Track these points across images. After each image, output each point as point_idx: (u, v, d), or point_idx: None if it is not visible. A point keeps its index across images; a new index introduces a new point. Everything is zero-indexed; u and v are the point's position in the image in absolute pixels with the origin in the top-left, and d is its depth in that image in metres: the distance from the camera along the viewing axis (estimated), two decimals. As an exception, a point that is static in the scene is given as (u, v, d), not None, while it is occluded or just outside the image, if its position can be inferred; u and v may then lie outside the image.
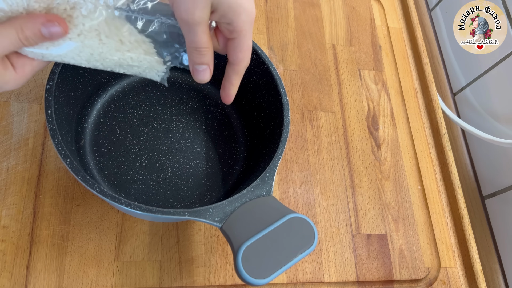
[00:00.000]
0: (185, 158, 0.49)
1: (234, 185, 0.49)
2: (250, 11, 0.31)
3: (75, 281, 0.43)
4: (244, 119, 0.53)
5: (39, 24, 0.28)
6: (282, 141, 0.42)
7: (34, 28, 0.28)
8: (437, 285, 0.53)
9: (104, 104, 0.49)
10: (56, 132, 0.36)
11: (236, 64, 0.34)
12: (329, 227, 0.53)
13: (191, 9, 0.29)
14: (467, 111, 0.70)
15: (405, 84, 0.66)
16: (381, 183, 0.57)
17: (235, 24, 0.31)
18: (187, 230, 0.47)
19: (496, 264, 0.60)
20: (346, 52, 0.65)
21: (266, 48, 0.61)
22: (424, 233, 0.56)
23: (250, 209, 0.37)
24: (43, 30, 0.28)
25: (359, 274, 0.51)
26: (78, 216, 0.45)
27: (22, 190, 0.45)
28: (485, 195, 0.65)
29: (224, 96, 0.37)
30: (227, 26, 0.32)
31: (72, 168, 0.35)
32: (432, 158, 0.62)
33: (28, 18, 0.28)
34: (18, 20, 0.28)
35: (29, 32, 0.28)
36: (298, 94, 0.60)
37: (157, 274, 0.45)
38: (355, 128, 0.60)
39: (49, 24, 0.28)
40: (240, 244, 0.34)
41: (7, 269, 0.42)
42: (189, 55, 0.33)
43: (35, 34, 0.28)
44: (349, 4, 0.70)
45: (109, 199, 0.35)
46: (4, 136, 0.47)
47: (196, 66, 0.33)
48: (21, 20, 0.28)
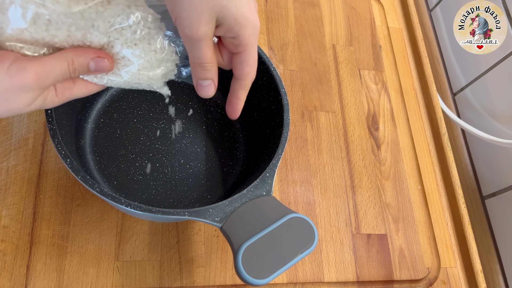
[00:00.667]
0: (185, 158, 0.49)
1: (234, 185, 0.49)
2: (255, 24, 0.31)
3: (75, 281, 0.43)
4: (244, 119, 0.53)
5: (89, 59, 0.30)
6: (282, 141, 0.42)
7: (83, 62, 0.30)
8: (437, 285, 0.53)
9: (104, 104, 0.49)
10: (56, 132, 0.36)
11: (242, 79, 0.33)
12: (329, 227, 0.53)
13: (195, 24, 0.28)
14: (467, 111, 0.70)
15: (405, 84, 0.66)
16: (381, 183, 0.57)
17: (241, 38, 0.30)
18: (187, 230, 0.47)
19: (496, 264, 0.60)
20: (346, 52, 0.65)
21: (266, 48, 0.61)
22: (424, 233, 0.56)
23: (250, 209, 0.37)
24: (91, 64, 0.30)
25: (359, 274, 0.51)
26: (78, 216, 0.45)
27: (22, 190, 0.45)
28: (485, 195, 0.65)
29: (230, 112, 0.36)
30: (233, 41, 0.31)
31: (72, 168, 0.35)
32: (432, 158, 0.62)
33: (80, 52, 0.30)
34: (70, 53, 0.29)
35: (78, 65, 0.30)
36: (298, 94, 0.60)
37: (157, 274, 0.45)
38: (355, 128, 0.60)
39: (98, 59, 0.30)
40: (240, 244, 0.34)
41: (7, 269, 0.42)
42: (193, 70, 0.32)
43: (82, 67, 0.30)
44: (349, 4, 0.70)
45: (109, 199, 0.35)
46: (4, 136, 0.47)
47: (200, 81, 0.32)
48: (73, 53, 0.29)
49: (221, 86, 0.53)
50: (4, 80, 0.26)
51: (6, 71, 0.26)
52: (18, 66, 0.27)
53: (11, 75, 0.26)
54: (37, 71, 0.27)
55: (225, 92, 0.54)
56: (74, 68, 0.30)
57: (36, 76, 0.27)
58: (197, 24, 0.28)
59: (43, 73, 0.28)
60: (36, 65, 0.27)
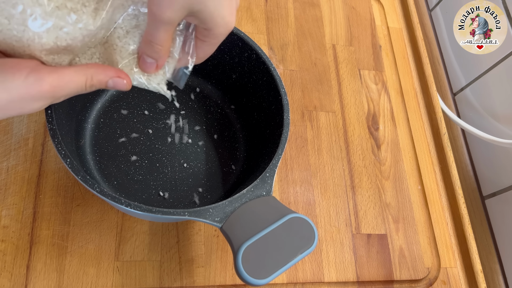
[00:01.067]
0: (185, 158, 0.49)
1: (234, 185, 0.49)
2: (230, 25, 0.31)
3: (75, 281, 0.43)
4: (244, 119, 0.53)
5: (108, 78, 0.31)
6: (282, 141, 0.42)
7: (103, 80, 0.30)
8: (437, 285, 0.53)
9: (104, 104, 0.49)
10: (56, 132, 0.36)
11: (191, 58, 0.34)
12: (329, 227, 0.53)
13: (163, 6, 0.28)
14: (467, 111, 0.70)
15: (405, 84, 0.66)
16: (381, 183, 0.57)
17: (212, 33, 0.31)
18: (187, 230, 0.47)
19: (496, 264, 0.60)
20: (346, 52, 0.65)
21: (266, 48, 0.61)
22: (424, 233, 0.56)
23: (250, 209, 0.37)
24: (110, 82, 0.31)
25: (359, 274, 0.51)
26: (78, 216, 0.45)
27: (22, 190, 0.45)
28: (485, 195, 0.65)
29: None
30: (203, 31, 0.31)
31: (72, 168, 0.35)
32: (432, 158, 0.62)
33: (100, 70, 0.30)
34: (90, 70, 0.30)
35: (97, 81, 0.30)
36: (298, 94, 0.60)
37: (157, 274, 0.45)
38: (355, 128, 0.60)
39: (117, 79, 0.31)
40: (240, 244, 0.34)
41: (7, 269, 0.42)
42: (142, 43, 0.32)
43: (100, 84, 0.30)
44: (349, 4, 0.70)
45: (109, 199, 0.35)
46: (4, 136, 0.47)
47: (144, 56, 0.32)
48: (93, 70, 0.30)
49: (221, 86, 0.54)
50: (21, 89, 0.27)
51: (23, 80, 0.27)
52: (36, 76, 0.27)
53: (28, 84, 0.27)
54: (53, 84, 0.28)
55: (225, 92, 0.55)
56: (92, 84, 0.30)
57: (51, 87, 0.28)
58: (165, 7, 0.28)
59: (59, 86, 0.28)
60: (53, 78, 0.28)
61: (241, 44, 0.46)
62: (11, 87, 0.26)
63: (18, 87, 0.27)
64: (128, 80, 0.32)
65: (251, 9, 0.64)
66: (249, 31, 0.62)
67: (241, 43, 0.46)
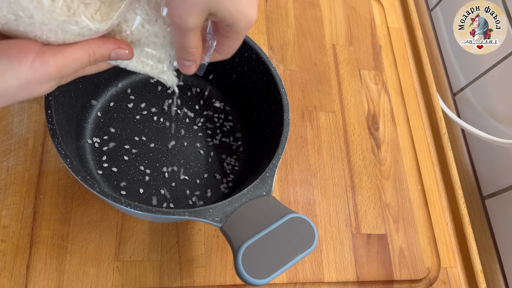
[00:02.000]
0: (185, 158, 0.49)
1: (234, 185, 0.49)
2: (251, 18, 0.31)
3: (75, 281, 0.43)
4: (244, 119, 0.53)
5: (110, 50, 0.31)
6: (282, 141, 0.42)
7: (105, 53, 0.31)
8: (437, 285, 0.53)
9: (104, 104, 0.49)
10: (56, 132, 0.36)
11: (219, 54, 0.34)
12: (329, 227, 0.53)
13: (185, 15, 0.28)
14: (467, 111, 0.70)
15: (405, 84, 0.66)
16: (381, 183, 0.57)
17: (233, 28, 0.31)
18: (187, 230, 0.47)
19: (496, 264, 0.60)
20: (346, 52, 0.65)
21: (266, 48, 0.61)
22: (424, 233, 0.56)
23: (250, 209, 0.37)
24: (112, 54, 0.31)
25: (359, 274, 0.51)
26: (78, 216, 0.45)
27: (22, 190, 0.45)
28: (485, 195, 0.65)
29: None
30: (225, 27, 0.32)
31: (72, 168, 0.35)
32: (432, 158, 0.62)
33: (101, 43, 0.30)
34: (92, 45, 0.30)
35: (99, 55, 0.30)
36: (298, 94, 0.60)
37: (157, 274, 0.45)
38: (355, 128, 0.60)
39: (119, 50, 0.31)
40: (240, 244, 0.34)
41: (7, 269, 0.42)
42: (177, 51, 0.33)
43: (103, 57, 0.31)
44: (349, 4, 0.70)
45: (109, 199, 0.35)
46: (4, 136, 0.47)
47: (182, 60, 0.33)
48: (95, 45, 0.30)
49: (221, 86, 0.54)
50: (28, 74, 0.27)
51: (30, 65, 0.27)
52: (41, 61, 0.27)
53: (35, 69, 0.27)
54: (59, 65, 0.28)
55: (225, 92, 0.55)
56: (95, 58, 0.30)
57: (57, 69, 0.28)
58: (187, 15, 0.28)
59: (64, 66, 0.29)
60: (58, 59, 0.28)
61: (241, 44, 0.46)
62: (19, 73, 0.27)
63: (25, 73, 0.27)
64: (130, 50, 0.32)
65: (251, 9, 0.64)
66: (249, 31, 0.62)
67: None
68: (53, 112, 0.36)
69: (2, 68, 0.26)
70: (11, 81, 0.27)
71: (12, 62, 0.27)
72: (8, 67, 0.27)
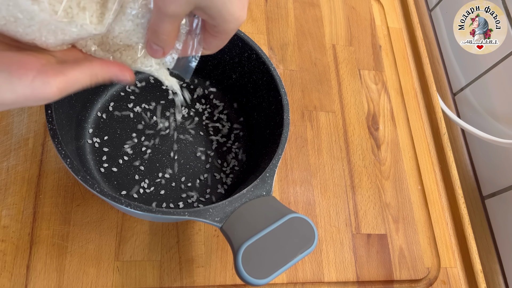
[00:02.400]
0: (185, 158, 0.49)
1: (234, 185, 0.49)
2: (240, 20, 0.30)
3: (75, 281, 0.43)
4: (244, 119, 0.53)
5: (112, 74, 0.31)
6: (282, 141, 0.42)
7: (107, 76, 0.31)
8: (437, 285, 0.53)
9: (104, 104, 0.49)
10: (56, 132, 0.36)
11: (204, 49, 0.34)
12: (329, 227, 0.53)
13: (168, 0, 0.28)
14: (467, 111, 0.70)
15: (405, 84, 0.66)
16: (381, 183, 0.57)
17: (221, 29, 0.31)
18: (187, 230, 0.47)
19: (496, 264, 0.60)
20: (346, 52, 0.65)
21: (266, 48, 0.61)
22: (424, 233, 0.56)
23: (250, 209, 0.37)
24: (113, 77, 0.31)
25: (359, 274, 0.51)
26: (78, 216, 0.45)
27: (22, 190, 0.45)
28: (485, 195, 0.65)
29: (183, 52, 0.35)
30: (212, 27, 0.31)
31: (72, 168, 0.35)
32: (432, 158, 0.62)
33: (104, 67, 0.30)
34: (95, 69, 0.30)
35: (101, 77, 0.30)
36: (298, 94, 0.60)
37: (157, 274, 0.45)
38: (355, 128, 0.60)
39: (121, 74, 0.31)
40: (240, 244, 0.34)
41: (7, 269, 0.42)
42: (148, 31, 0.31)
43: (104, 80, 0.31)
44: (349, 4, 0.70)
45: (109, 199, 0.35)
46: (4, 136, 0.47)
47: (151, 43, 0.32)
48: (98, 68, 0.30)
49: (221, 86, 0.54)
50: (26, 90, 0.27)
51: (30, 83, 0.27)
52: (43, 80, 0.27)
53: (34, 88, 0.27)
54: (60, 86, 0.28)
55: (225, 92, 0.55)
56: (96, 81, 0.30)
57: (58, 90, 0.28)
58: (170, 1, 0.28)
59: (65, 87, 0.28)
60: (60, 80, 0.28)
61: (241, 44, 0.46)
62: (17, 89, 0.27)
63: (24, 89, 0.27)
64: (131, 75, 0.32)
65: (251, 9, 0.64)
66: (249, 31, 0.62)
67: (241, 43, 0.46)
68: (53, 112, 0.36)
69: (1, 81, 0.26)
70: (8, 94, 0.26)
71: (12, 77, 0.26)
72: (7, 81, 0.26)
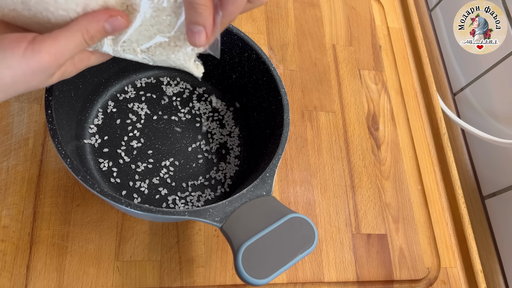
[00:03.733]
0: (185, 158, 0.49)
1: (234, 185, 0.49)
2: None
3: (75, 281, 0.43)
4: (244, 119, 0.53)
5: (103, 22, 0.29)
6: (282, 141, 0.42)
7: (98, 27, 0.29)
8: (437, 285, 0.53)
9: (104, 104, 0.49)
10: (56, 132, 0.36)
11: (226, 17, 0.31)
12: (329, 227, 0.53)
13: None
14: (467, 111, 0.70)
15: (405, 84, 0.66)
16: (381, 183, 0.57)
17: None
18: (187, 230, 0.47)
19: (496, 264, 0.60)
20: (346, 52, 0.65)
21: (266, 48, 0.61)
22: (424, 233, 0.56)
23: (250, 209, 0.37)
24: (107, 26, 0.29)
25: (359, 274, 0.51)
26: (78, 216, 0.45)
27: (22, 190, 0.45)
28: (485, 195, 0.65)
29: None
30: None
31: (72, 168, 0.35)
32: (432, 158, 0.62)
33: (91, 18, 0.29)
34: (82, 22, 0.28)
35: (94, 31, 0.29)
36: (298, 94, 0.60)
37: (157, 274, 0.45)
38: (355, 128, 0.60)
39: (112, 19, 0.29)
40: (240, 244, 0.34)
41: (7, 269, 0.42)
42: (186, 12, 0.30)
43: (99, 32, 0.29)
44: (349, 4, 0.70)
45: (109, 199, 0.35)
46: (4, 136, 0.47)
47: (191, 26, 0.30)
48: (85, 21, 0.28)
49: (221, 86, 0.54)
50: (22, 64, 0.26)
51: (22, 55, 0.26)
52: (32, 49, 0.26)
53: (27, 58, 0.26)
54: (51, 51, 0.27)
55: (225, 92, 0.55)
56: (91, 36, 0.29)
57: (51, 56, 0.27)
58: None
59: (58, 52, 0.27)
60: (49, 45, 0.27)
61: (241, 44, 0.46)
62: (13, 63, 0.26)
63: (19, 62, 0.26)
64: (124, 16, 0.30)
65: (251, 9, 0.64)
66: (249, 31, 0.62)
67: (241, 43, 0.46)
68: (53, 112, 0.36)
69: None
70: (5, 71, 0.26)
71: (5, 52, 0.26)
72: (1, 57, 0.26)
